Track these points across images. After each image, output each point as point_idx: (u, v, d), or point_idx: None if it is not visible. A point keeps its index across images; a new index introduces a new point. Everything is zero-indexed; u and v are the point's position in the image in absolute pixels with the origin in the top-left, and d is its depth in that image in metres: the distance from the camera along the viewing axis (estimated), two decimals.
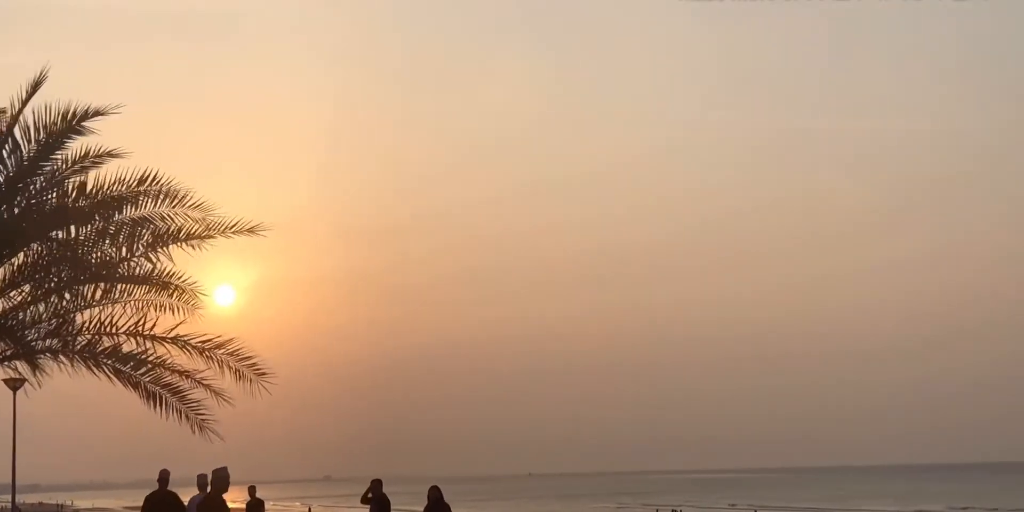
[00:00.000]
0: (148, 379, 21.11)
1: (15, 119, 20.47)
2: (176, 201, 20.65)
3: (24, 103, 20.37)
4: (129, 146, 20.56)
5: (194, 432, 21.23)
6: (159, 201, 20.65)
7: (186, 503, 20.64)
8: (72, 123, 20.19)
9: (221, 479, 14.74)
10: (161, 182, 20.57)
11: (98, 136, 20.41)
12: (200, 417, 21.22)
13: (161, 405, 21.17)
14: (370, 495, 24.70)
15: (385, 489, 24.86)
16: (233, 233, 20.89)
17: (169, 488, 20.28)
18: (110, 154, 20.63)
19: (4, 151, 20.55)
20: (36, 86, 20.36)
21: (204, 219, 20.80)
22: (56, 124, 20.22)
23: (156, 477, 20.23)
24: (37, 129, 20.28)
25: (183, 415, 21.22)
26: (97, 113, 20.22)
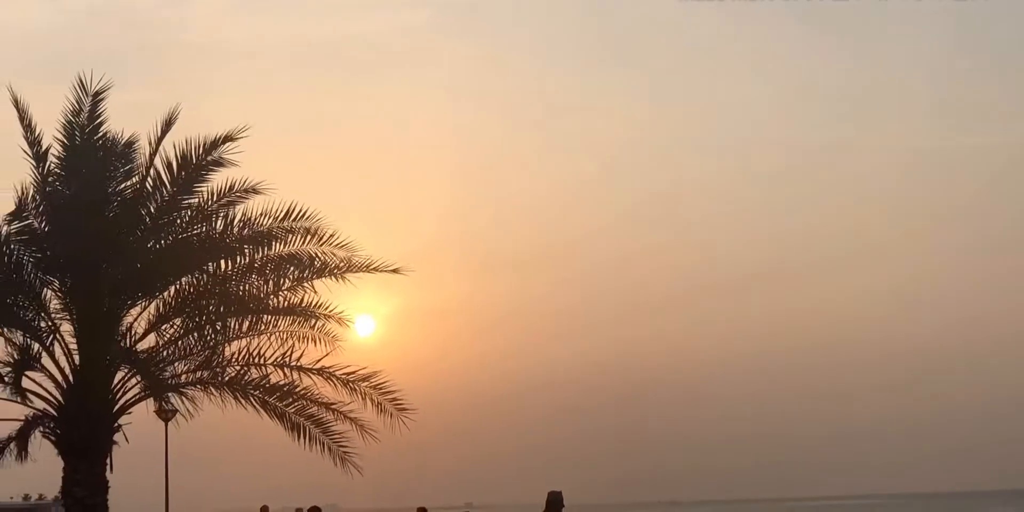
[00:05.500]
0: (293, 410, 21.21)
1: (154, 154, 20.79)
2: (323, 241, 20.98)
3: (160, 139, 20.69)
4: (269, 181, 20.92)
5: (336, 464, 21.28)
6: (306, 239, 20.97)
7: None
8: (208, 153, 20.54)
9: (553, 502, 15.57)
10: (306, 216, 20.90)
11: (239, 168, 20.84)
12: (343, 449, 21.28)
13: (305, 436, 21.23)
14: None
15: None
16: (376, 271, 21.14)
17: None
18: (254, 189, 20.94)
19: (147, 186, 20.89)
20: (169, 123, 20.67)
21: (348, 258, 21.07)
22: (194, 156, 20.55)
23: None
24: (176, 162, 20.64)
25: (326, 447, 21.29)
26: (228, 138, 20.55)
